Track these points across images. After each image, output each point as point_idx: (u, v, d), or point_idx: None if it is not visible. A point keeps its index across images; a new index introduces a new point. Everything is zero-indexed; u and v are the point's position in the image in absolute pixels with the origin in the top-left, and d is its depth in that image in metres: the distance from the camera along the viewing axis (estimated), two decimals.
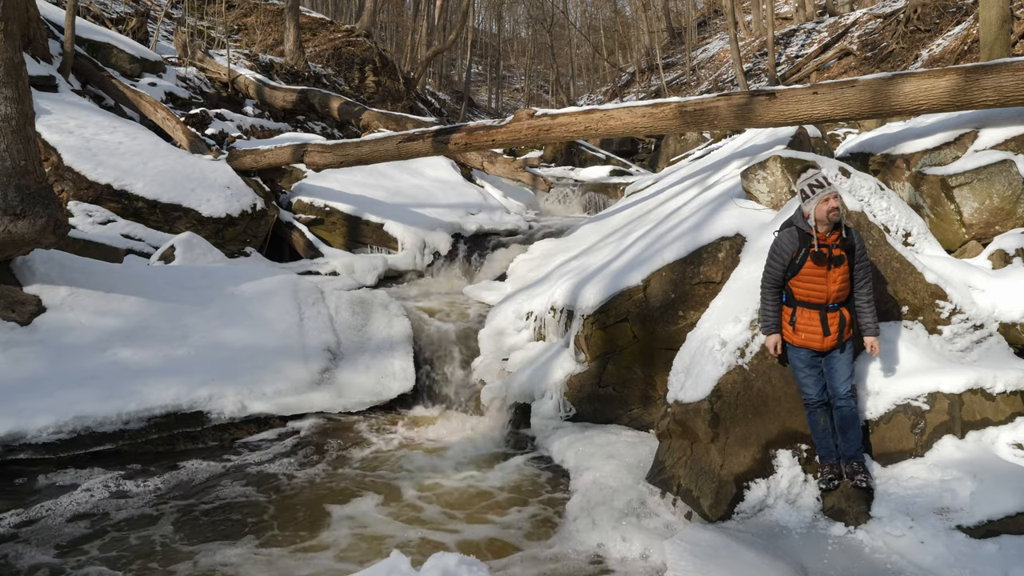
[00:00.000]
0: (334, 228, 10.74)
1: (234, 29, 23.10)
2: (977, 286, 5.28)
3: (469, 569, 3.07)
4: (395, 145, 9.17)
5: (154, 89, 14.62)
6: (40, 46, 11.63)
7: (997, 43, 9.13)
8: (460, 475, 5.63)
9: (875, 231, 5.27)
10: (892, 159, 6.78)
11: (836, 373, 4.53)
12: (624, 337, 6.13)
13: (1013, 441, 4.59)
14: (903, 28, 19.77)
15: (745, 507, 4.54)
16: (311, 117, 18.15)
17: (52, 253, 6.70)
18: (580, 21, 52.05)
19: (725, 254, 5.93)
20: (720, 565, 3.93)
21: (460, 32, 28.97)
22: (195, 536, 4.64)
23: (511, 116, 8.46)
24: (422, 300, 8.93)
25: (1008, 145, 6.14)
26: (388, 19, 36.69)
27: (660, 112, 7.55)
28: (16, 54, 5.97)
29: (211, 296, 7.30)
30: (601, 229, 8.99)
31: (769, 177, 6.22)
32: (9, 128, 5.90)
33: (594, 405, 6.16)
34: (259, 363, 6.64)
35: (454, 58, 46.96)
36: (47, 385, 5.72)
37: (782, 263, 4.50)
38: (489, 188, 13.19)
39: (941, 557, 3.96)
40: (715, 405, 4.70)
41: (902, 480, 4.46)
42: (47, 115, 9.60)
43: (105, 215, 9.08)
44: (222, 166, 10.41)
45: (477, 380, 7.04)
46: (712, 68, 30.96)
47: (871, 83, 6.43)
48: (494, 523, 4.90)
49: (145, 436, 5.77)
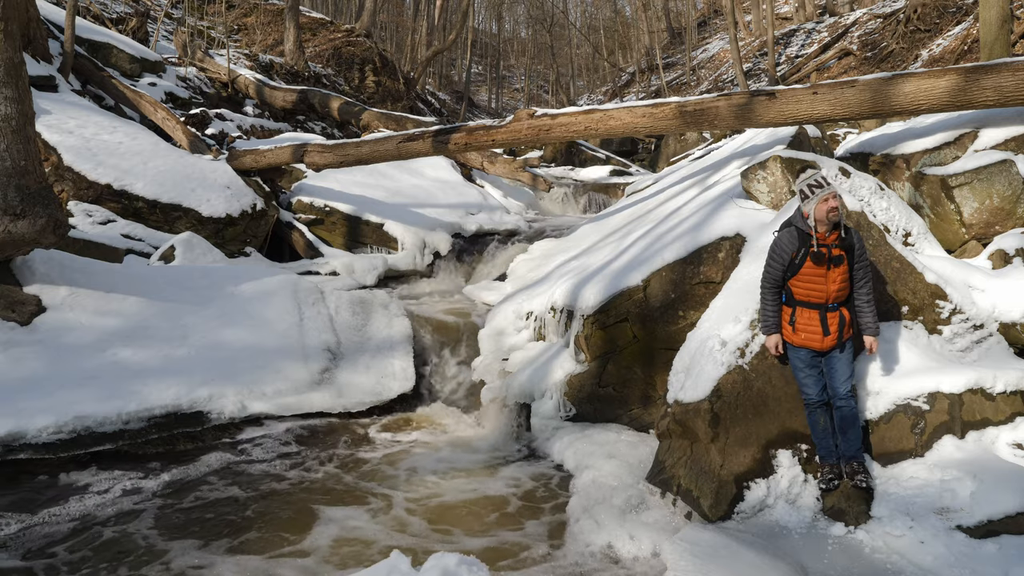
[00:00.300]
0: (334, 228, 10.74)
1: (234, 29, 23.11)
2: (977, 286, 5.28)
3: (469, 569, 3.07)
4: (395, 145, 9.17)
5: (154, 89, 14.63)
6: (40, 46, 11.63)
7: (997, 43, 9.13)
8: (460, 475, 5.62)
9: (875, 231, 5.27)
10: (892, 159, 6.78)
11: (836, 373, 4.53)
12: (624, 337, 6.13)
13: (1013, 441, 4.59)
14: (903, 28, 19.77)
15: (745, 507, 4.54)
16: (311, 117, 18.16)
17: (52, 253, 6.70)
18: (580, 21, 52.06)
19: (725, 254, 5.93)
20: (720, 565, 3.93)
21: (460, 32, 28.97)
22: (176, 535, 4.62)
23: (511, 116, 8.46)
24: (422, 300, 8.94)
25: (1008, 145, 6.14)
26: (388, 19, 36.69)
27: (660, 112, 7.55)
28: (16, 54, 5.97)
29: (211, 296, 7.30)
30: (601, 229, 8.99)
31: (769, 177, 6.22)
32: (9, 128, 5.90)
33: (594, 405, 6.16)
34: (259, 363, 6.64)
35: (454, 58, 46.97)
36: (47, 385, 5.72)
37: (781, 263, 4.50)
38: (489, 188, 13.20)
39: (941, 557, 3.96)
40: (715, 405, 4.70)
41: (902, 480, 4.46)
42: (47, 115, 9.60)
43: (105, 215, 9.08)
44: (222, 166, 10.41)
45: (477, 380, 7.04)
46: (712, 68, 30.96)
47: (871, 83, 6.43)
48: (493, 523, 4.90)
49: (145, 436, 5.77)
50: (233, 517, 4.88)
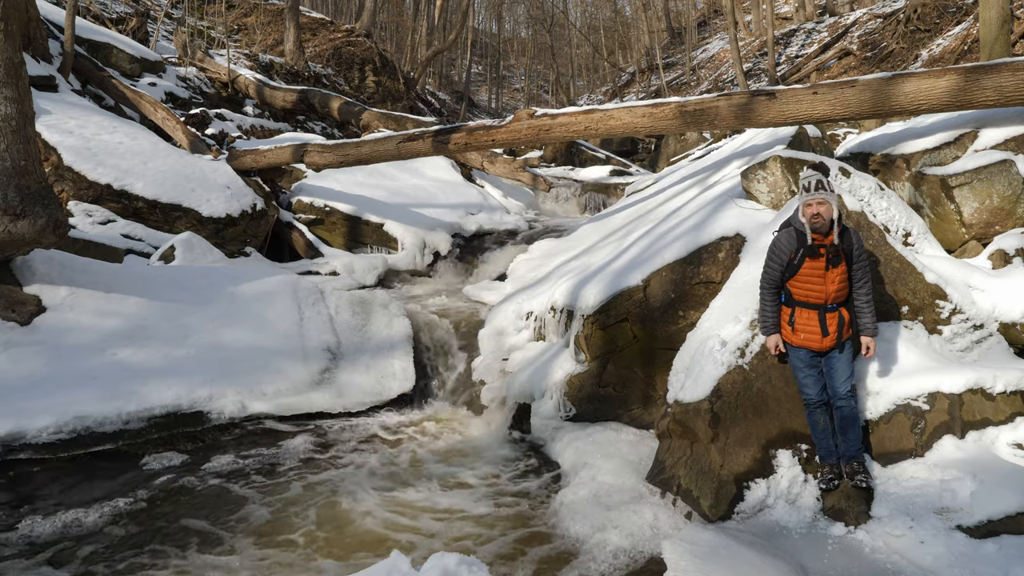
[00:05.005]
0: (334, 228, 10.74)
1: (234, 29, 23.11)
2: (977, 286, 5.28)
3: (469, 569, 3.06)
4: (395, 145, 9.17)
5: (154, 89, 14.63)
6: (40, 46, 11.63)
7: (997, 43, 9.13)
8: (459, 475, 5.62)
9: (875, 231, 5.27)
10: (892, 159, 6.78)
11: (836, 373, 4.53)
12: (624, 337, 6.13)
13: (1013, 441, 4.59)
14: (903, 28, 19.77)
15: (745, 507, 4.54)
16: (311, 117, 18.16)
17: (52, 253, 6.70)
18: (580, 21, 52.05)
19: (725, 254, 5.93)
20: (720, 565, 3.93)
21: (460, 32, 28.97)
22: (173, 535, 4.64)
23: (511, 116, 8.46)
24: (422, 300, 8.94)
25: (1008, 145, 6.14)
26: (388, 19, 36.67)
27: (660, 112, 7.55)
28: (16, 54, 5.97)
29: (211, 296, 7.30)
30: (601, 229, 8.99)
31: (769, 177, 6.22)
32: (9, 128, 5.90)
33: (594, 405, 6.16)
34: (259, 363, 6.64)
35: (454, 58, 46.95)
36: (47, 385, 5.72)
37: (780, 263, 4.50)
38: (489, 188, 13.20)
39: (941, 557, 3.95)
40: (715, 405, 4.70)
41: (902, 480, 4.45)
42: (47, 115, 9.60)
43: (105, 215, 9.08)
44: (222, 166, 10.41)
45: (477, 380, 7.04)
46: (712, 68, 30.95)
47: (871, 83, 6.43)
48: (492, 522, 4.89)
49: (145, 436, 5.78)
50: (233, 516, 4.88)
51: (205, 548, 4.49)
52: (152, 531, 4.67)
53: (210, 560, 4.37)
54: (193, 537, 4.62)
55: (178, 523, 4.78)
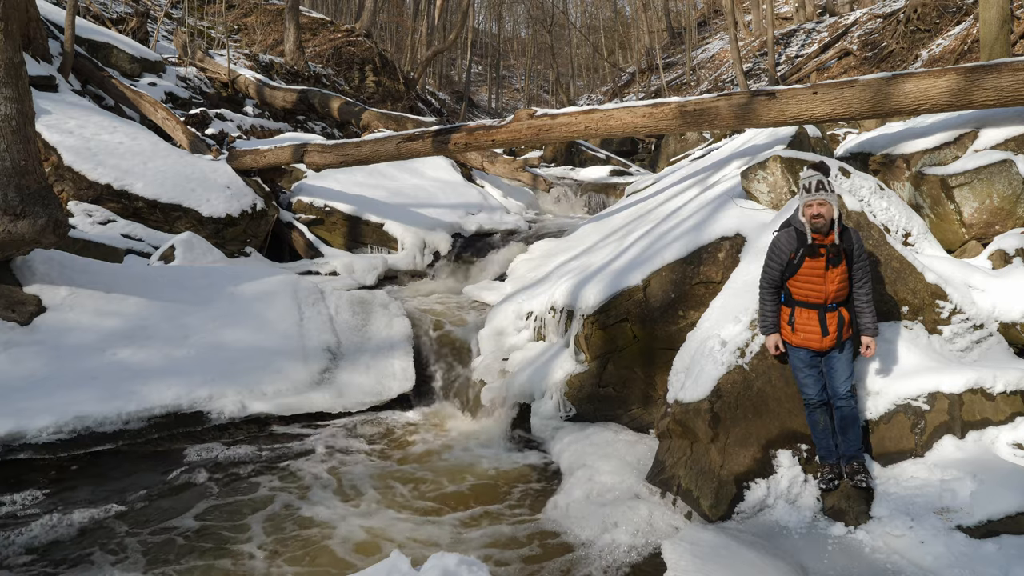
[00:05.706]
0: (334, 228, 10.74)
1: (234, 29, 23.11)
2: (977, 286, 5.28)
3: (469, 569, 3.07)
4: (395, 145, 9.17)
5: (154, 89, 14.63)
6: (40, 46, 11.63)
7: (997, 43, 9.13)
8: (459, 474, 5.62)
9: (875, 231, 5.27)
10: (892, 159, 6.78)
11: (836, 373, 4.53)
12: (624, 337, 6.13)
13: (1013, 441, 4.59)
14: (903, 28, 19.77)
15: (745, 507, 4.54)
16: (311, 117, 18.15)
17: (52, 253, 6.70)
18: (580, 21, 52.04)
19: (725, 254, 5.93)
20: (720, 565, 3.93)
21: (460, 32, 28.97)
22: (155, 541, 4.64)
23: (511, 116, 8.46)
24: (422, 300, 8.93)
25: (1008, 145, 6.14)
26: (388, 19, 36.67)
27: (660, 112, 7.55)
28: (16, 54, 5.97)
29: (211, 296, 7.30)
30: (601, 229, 8.98)
31: (769, 177, 6.22)
32: (9, 128, 5.90)
33: (594, 405, 6.16)
34: (259, 363, 6.64)
35: (454, 58, 46.95)
36: (47, 385, 5.72)
37: (780, 263, 4.50)
38: (489, 188, 13.20)
39: (941, 557, 3.95)
40: (715, 405, 4.70)
41: (902, 480, 4.46)
42: (47, 115, 9.60)
43: (105, 215, 9.08)
44: (222, 166, 10.41)
45: (477, 380, 7.04)
46: (712, 68, 30.95)
47: (871, 83, 6.43)
48: (492, 522, 4.90)
49: (145, 436, 5.78)
50: (234, 516, 4.88)
51: (205, 547, 4.49)
52: (152, 531, 4.67)
53: (216, 558, 4.37)
54: (193, 537, 4.62)
55: (178, 523, 4.78)
